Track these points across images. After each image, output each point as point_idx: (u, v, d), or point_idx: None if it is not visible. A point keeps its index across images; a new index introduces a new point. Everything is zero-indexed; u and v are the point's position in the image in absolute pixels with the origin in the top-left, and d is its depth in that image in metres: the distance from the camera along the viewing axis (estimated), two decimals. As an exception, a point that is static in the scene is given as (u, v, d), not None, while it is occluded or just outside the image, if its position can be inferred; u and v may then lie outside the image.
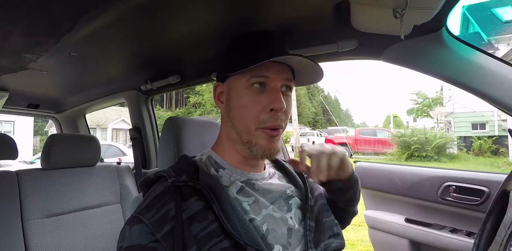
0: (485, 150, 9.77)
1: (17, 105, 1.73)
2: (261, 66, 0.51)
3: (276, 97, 0.51)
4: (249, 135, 0.53)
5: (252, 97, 0.52)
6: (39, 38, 0.80)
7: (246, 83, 0.53)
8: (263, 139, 0.52)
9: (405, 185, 1.16)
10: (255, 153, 0.53)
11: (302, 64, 0.54)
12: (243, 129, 0.53)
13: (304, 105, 45.22)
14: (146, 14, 0.67)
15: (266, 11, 0.65)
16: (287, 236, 0.53)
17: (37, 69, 1.07)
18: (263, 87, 0.53)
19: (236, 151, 0.56)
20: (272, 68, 0.53)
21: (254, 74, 0.52)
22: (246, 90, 0.53)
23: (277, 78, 0.53)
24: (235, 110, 0.55)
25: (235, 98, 0.55)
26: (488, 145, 9.75)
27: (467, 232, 0.99)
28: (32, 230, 1.04)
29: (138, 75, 1.23)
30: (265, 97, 0.52)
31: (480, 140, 9.94)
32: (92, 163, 1.31)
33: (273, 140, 0.53)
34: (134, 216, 0.47)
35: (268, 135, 0.52)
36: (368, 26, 0.67)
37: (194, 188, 0.49)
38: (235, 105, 0.55)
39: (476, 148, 9.91)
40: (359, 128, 16.07)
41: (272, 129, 0.52)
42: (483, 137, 10.02)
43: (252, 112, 0.52)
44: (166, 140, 0.68)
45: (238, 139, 0.54)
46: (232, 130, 0.55)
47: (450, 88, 11.72)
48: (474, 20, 9.07)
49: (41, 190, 1.12)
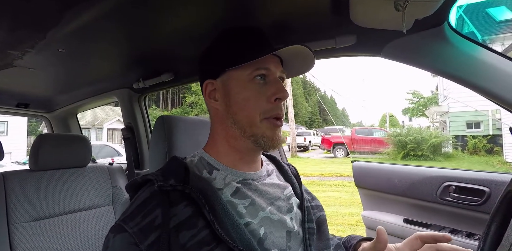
0: (479, 149, 9.87)
1: (6, 104, 1.68)
2: (264, 59, 0.51)
3: (280, 87, 0.53)
4: (255, 127, 0.52)
5: (255, 89, 0.52)
6: (24, 33, 0.77)
7: (248, 76, 0.52)
8: (269, 130, 0.52)
9: (404, 185, 1.14)
10: (263, 145, 0.52)
11: (294, 54, 0.55)
12: (247, 123, 0.52)
13: (300, 105, 45.38)
14: (136, 8, 0.64)
15: (261, 5, 0.63)
16: (286, 239, 0.50)
17: (24, 66, 1.03)
18: (265, 79, 0.53)
19: (232, 150, 0.54)
20: (272, 60, 0.54)
21: (257, 67, 0.52)
22: (249, 84, 0.52)
23: (276, 70, 0.54)
24: (237, 105, 0.52)
25: (236, 92, 0.53)
26: (482, 144, 9.85)
27: (467, 233, 0.97)
28: (18, 234, 1.00)
29: (130, 73, 1.19)
30: (268, 88, 0.52)
31: (475, 139, 10.03)
32: (82, 164, 1.27)
33: (277, 130, 0.53)
34: (118, 224, 0.44)
35: (273, 125, 0.52)
36: (367, 21, 0.65)
37: (183, 192, 0.46)
38: (237, 100, 0.52)
39: (471, 147, 10.01)
40: (355, 127, 16.11)
41: (276, 119, 0.53)
42: (478, 136, 10.11)
43: (257, 103, 0.52)
44: (157, 140, 0.65)
45: (240, 134, 0.52)
46: (234, 126, 0.53)
47: (445, 88, 11.82)
48: (469, 20, 9.14)
49: (29, 192, 1.08)
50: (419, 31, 0.64)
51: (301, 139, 16.32)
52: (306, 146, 16.70)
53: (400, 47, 0.68)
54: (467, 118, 10.73)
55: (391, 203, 1.22)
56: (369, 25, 0.66)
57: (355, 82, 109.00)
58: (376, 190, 1.26)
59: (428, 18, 0.58)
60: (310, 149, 17.16)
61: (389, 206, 1.24)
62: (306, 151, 16.42)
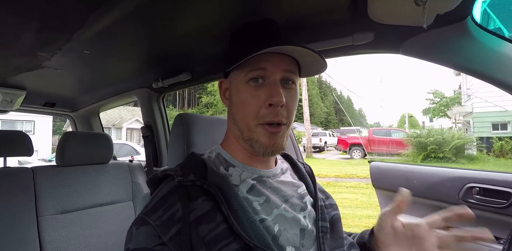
0: (506, 151, 9.36)
1: (34, 103, 1.78)
2: (259, 58, 0.48)
3: (275, 91, 0.48)
4: (250, 132, 0.51)
5: (250, 92, 0.50)
6: (52, 36, 0.81)
7: (244, 77, 0.51)
8: (263, 136, 0.50)
9: (423, 186, 1.11)
10: (257, 151, 0.51)
11: (303, 54, 0.50)
12: (244, 126, 0.51)
13: (316, 105, 44.85)
14: (154, 10, 0.66)
15: (277, 3, 0.63)
16: (299, 237, 0.50)
17: (51, 67, 1.09)
18: (263, 81, 0.50)
19: (241, 148, 0.55)
20: (273, 59, 0.50)
21: (252, 67, 0.50)
22: (245, 86, 0.51)
23: (276, 70, 0.50)
24: (235, 107, 0.53)
25: (235, 93, 0.53)
26: (510, 146, 9.33)
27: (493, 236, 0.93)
28: (46, 225, 1.06)
29: (149, 73, 1.23)
30: (263, 91, 0.49)
31: (502, 141, 9.52)
32: (105, 161, 1.33)
33: (274, 137, 0.50)
34: (141, 217, 0.45)
35: (268, 132, 0.49)
36: (386, 17, 0.64)
37: (202, 187, 0.47)
38: (235, 101, 0.53)
39: (497, 149, 9.50)
40: (372, 128, 15.72)
41: (271, 125, 0.49)
42: (505, 137, 9.60)
43: (252, 108, 0.50)
44: (176, 136, 0.67)
45: (240, 135, 0.53)
46: (235, 127, 0.54)
47: (469, 87, 11.30)
48: (495, 16, 8.71)
49: (56, 187, 1.14)
50: (440, 27, 0.61)
51: (317, 140, 16.14)
52: (321, 146, 16.49)
53: (420, 43, 0.66)
54: (493, 118, 10.21)
55: (410, 205, 1.19)
56: (388, 22, 0.65)
57: (372, 82, 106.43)
58: (394, 191, 1.23)
59: (451, 13, 0.56)
60: (326, 150, 16.93)
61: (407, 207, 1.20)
62: (322, 152, 16.21)
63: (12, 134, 1.33)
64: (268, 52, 0.48)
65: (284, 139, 0.52)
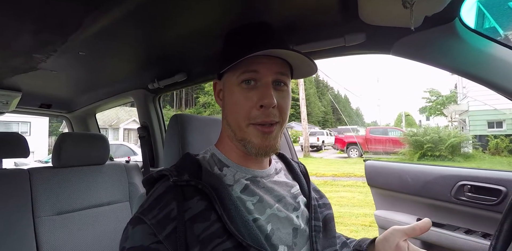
0: (502, 149, 9.44)
1: (30, 105, 1.78)
2: (251, 61, 0.49)
3: (266, 93, 0.49)
4: (242, 132, 0.52)
5: (243, 94, 0.51)
6: (47, 37, 0.81)
7: (237, 79, 0.52)
8: (255, 137, 0.51)
9: (417, 184, 1.12)
10: (250, 151, 0.52)
11: (293, 57, 0.52)
12: (236, 126, 0.52)
13: (313, 104, 44.91)
14: (151, 10, 0.66)
15: (270, 4, 0.64)
16: (292, 236, 0.51)
17: (47, 69, 1.09)
18: (255, 83, 0.51)
19: (236, 148, 0.55)
20: (265, 61, 0.51)
21: (244, 70, 0.51)
22: (237, 87, 0.52)
23: (268, 73, 0.51)
24: (228, 108, 0.54)
25: (228, 95, 0.54)
26: (505, 144, 9.42)
27: (483, 233, 0.95)
28: (43, 226, 1.06)
29: (145, 74, 1.23)
30: (255, 93, 0.50)
31: (497, 139, 9.61)
32: (101, 162, 1.33)
33: (267, 137, 0.51)
34: (136, 216, 0.46)
35: (260, 132, 0.50)
36: (376, 19, 0.65)
37: (196, 187, 0.48)
38: (228, 103, 0.54)
39: (492, 147, 9.60)
40: (369, 127, 15.79)
41: (263, 125, 0.50)
42: (500, 135, 9.68)
43: (243, 109, 0.51)
44: (171, 136, 0.68)
45: (233, 136, 0.54)
46: (228, 127, 0.55)
47: (464, 86, 11.39)
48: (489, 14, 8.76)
49: (52, 188, 1.14)
50: (429, 28, 0.63)
51: (314, 139, 16.17)
52: (319, 146, 16.52)
53: (410, 44, 0.67)
54: (488, 117, 10.30)
55: (404, 203, 1.21)
56: (378, 23, 0.66)
57: (370, 81, 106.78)
58: (388, 189, 1.25)
59: (439, 14, 0.57)
60: (323, 149, 16.96)
61: (402, 205, 1.22)
62: (319, 151, 16.25)
63: (8, 136, 1.33)
64: (260, 55, 0.49)
65: (278, 140, 0.53)
